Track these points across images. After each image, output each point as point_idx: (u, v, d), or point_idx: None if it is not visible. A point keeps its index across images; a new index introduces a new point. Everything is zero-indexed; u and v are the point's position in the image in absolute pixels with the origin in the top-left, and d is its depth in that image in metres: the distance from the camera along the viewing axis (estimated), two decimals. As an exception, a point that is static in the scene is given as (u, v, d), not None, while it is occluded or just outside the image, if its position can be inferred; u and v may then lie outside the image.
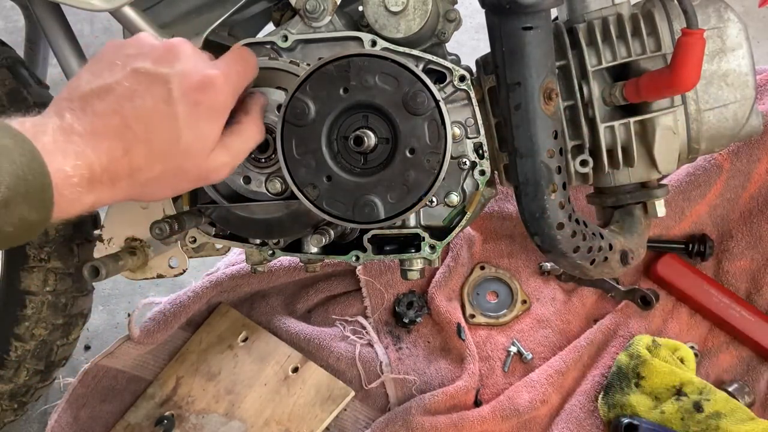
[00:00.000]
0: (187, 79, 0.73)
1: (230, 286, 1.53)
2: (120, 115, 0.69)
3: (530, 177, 0.85)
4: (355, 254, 0.97)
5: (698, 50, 0.82)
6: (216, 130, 0.76)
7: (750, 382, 1.41)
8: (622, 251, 0.97)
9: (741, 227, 1.50)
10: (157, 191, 0.76)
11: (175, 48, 0.74)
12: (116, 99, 0.70)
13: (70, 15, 1.05)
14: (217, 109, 0.75)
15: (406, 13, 0.90)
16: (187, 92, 0.72)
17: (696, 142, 0.97)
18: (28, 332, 1.26)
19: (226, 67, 0.77)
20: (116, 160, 0.69)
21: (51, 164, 0.63)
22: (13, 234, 0.62)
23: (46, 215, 0.63)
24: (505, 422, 1.35)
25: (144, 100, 0.70)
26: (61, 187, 0.64)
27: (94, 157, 0.67)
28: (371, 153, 0.88)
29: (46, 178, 0.62)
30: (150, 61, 0.72)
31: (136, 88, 0.71)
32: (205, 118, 0.74)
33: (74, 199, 0.66)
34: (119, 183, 0.70)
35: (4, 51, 1.21)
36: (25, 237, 0.63)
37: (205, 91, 0.74)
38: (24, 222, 0.61)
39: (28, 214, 0.61)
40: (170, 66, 0.72)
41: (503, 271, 1.55)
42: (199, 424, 1.43)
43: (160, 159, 0.72)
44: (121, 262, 1.05)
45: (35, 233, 0.64)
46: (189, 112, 0.72)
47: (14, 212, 0.60)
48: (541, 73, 0.83)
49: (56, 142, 0.65)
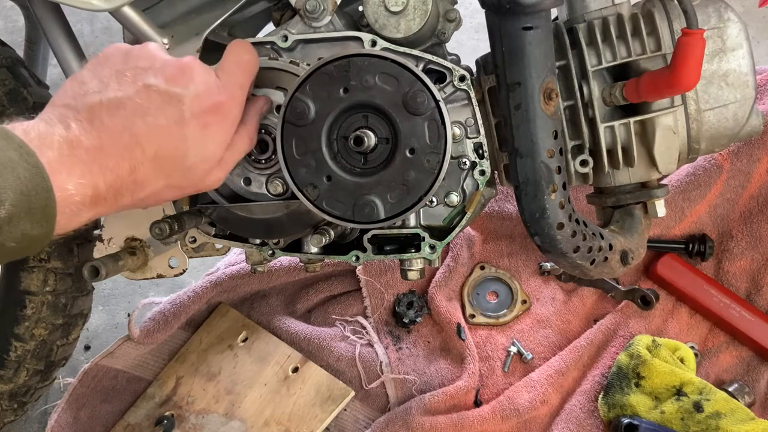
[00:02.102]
0: (199, 101, 0.73)
1: (230, 286, 1.53)
2: (130, 132, 0.69)
3: (530, 177, 0.85)
4: (355, 254, 0.97)
5: (698, 50, 0.82)
6: (221, 151, 0.77)
7: (750, 382, 1.41)
8: (622, 251, 0.97)
9: (741, 227, 1.50)
10: (153, 202, 0.76)
11: (188, 68, 0.74)
12: (127, 115, 0.69)
13: (70, 15, 1.05)
14: (225, 132, 0.77)
15: (406, 13, 0.90)
16: (199, 114, 0.73)
17: (696, 142, 0.97)
18: (28, 332, 1.26)
19: (234, 86, 0.78)
20: (121, 177, 0.68)
21: (55, 181, 0.62)
22: (15, 249, 0.61)
23: (49, 231, 0.63)
24: (505, 422, 1.35)
25: (156, 119, 0.70)
26: (63, 205, 0.63)
27: (100, 175, 0.66)
28: (371, 153, 0.88)
29: (50, 194, 0.61)
30: (163, 79, 0.72)
31: (149, 106, 0.70)
32: (213, 141, 0.75)
33: (73, 215, 0.65)
34: (121, 199, 0.70)
35: (4, 51, 1.21)
36: (26, 252, 0.63)
37: (216, 113, 0.75)
38: (26, 238, 0.61)
39: (31, 230, 0.61)
40: (184, 87, 0.72)
41: (503, 271, 1.55)
42: (199, 424, 1.43)
43: (164, 176, 0.73)
44: (121, 262, 1.05)
45: (37, 248, 0.64)
46: (198, 134, 0.73)
47: (17, 228, 0.59)
48: (541, 73, 0.83)
49: (62, 157, 0.64)
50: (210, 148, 0.75)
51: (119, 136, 0.68)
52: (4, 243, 0.60)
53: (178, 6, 1.02)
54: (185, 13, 1.03)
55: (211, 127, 0.74)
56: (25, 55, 1.55)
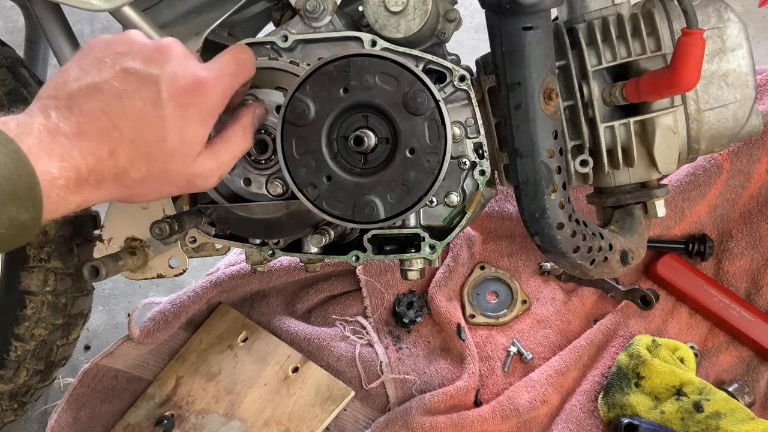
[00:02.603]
0: (176, 81, 0.72)
1: (230, 286, 1.53)
2: (108, 115, 0.69)
3: (530, 177, 0.85)
4: (355, 254, 0.97)
5: (698, 50, 0.82)
6: (203, 133, 0.75)
7: (750, 382, 1.41)
8: (622, 251, 0.97)
9: (741, 227, 1.50)
10: (143, 193, 0.75)
11: (165, 48, 0.73)
12: (104, 99, 0.69)
13: (70, 15, 1.05)
14: (205, 113, 0.75)
15: (406, 13, 0.90)
16: (176, 94, 0.72)
17: (696, 142, 0.97)
18: (28, 332, 1.26)
19: (218, 70, 0.77)
20: (102, 161, 0.68)
21: (36, 165, 0.62)
22: (5, 236, 0.61)
23: (36, 214, 0.63)
24: (505, 422, 1.35)
25: (132, 101, 0.70)
26: (48, 189, 0.63)
27: (80, 158, 0.66)
28: (371, 153, 0.88)
29: (33, 178, 0.61)
30: (140, 61, 0.72)
31: (125, 89, 0.70)
32: (192, 121, 0.73)
33: (60, 200, 0.65)
34: (105, 184, 0.69)
35: (4, 51, 1.21)
36: (17, 240, 0.63)
37: (195, 94, 0.73)
38: (14, 223, 0.61)
39: (18, 215, 0.61)
40: (160, 67, 0.72)
41: (503, 271, 1.55)
42: (199, 424, 1.43)
43: (145, 160, 0.71)
44: (121, 262, 1.05)
45: (29, 235, 0.64)
46: (177, 115, 0.72)
47: (3, 213, 0.59)
48: (541, 73, 0.83)
49: (41, 143, 0.64)
50: (190, 129, 0.73)
51: (97, 119, 0.68)
52: None
53: (178, 6, 1.02)
54: (185, 13, 1.03)
55: (191, 107, 0.73)
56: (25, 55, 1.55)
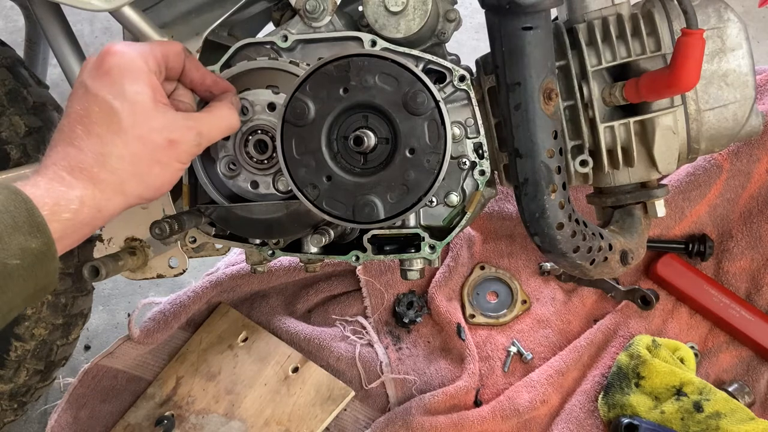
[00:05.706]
0: (89, 62, 0.75)
1: (230, 286, 1.53)
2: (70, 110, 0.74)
3: (530, 177, 0.85)
4: (355, 254, 0.97)
5: (698, 50, 0.82)
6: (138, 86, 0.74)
7: (750, 382, 1.41)
8: (622, 251, 0.97)
9: (741, 227, 1.50)
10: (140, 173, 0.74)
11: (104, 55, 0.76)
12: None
13: (70, 15, 1.05)
14: (124, 70, 0.74)
15: (406, 13, 0.90)
16: (92, 71, 0.74)
17: (696, 142, 0.97)
18: (28, 332, 1.26)
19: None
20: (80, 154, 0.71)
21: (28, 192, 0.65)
22: (22, 267, 0.62)
23: (47, 239, 0.64)
24: (505, 422, 1.35)
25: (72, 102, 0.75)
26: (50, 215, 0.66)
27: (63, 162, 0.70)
28: (371, 153, 0.88)
29: (30, 204, 0.63)
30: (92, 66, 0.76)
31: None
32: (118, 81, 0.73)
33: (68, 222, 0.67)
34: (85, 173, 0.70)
35: (4, 51, 1.21)
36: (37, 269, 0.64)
37: (107, 57, 0.74)
38: (27, 252, 0.62)
39: (27, 242, 0.62)
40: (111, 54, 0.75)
41: (503, 271, 1.55)
42: (199, 424, 1.43)
43: (108, 131, 0.72)
44: (121, 262, 1.05)
45: (48, 265, 0.65)
46: (102, 84, 0.73)
47: (12, 243, 0.61)
48: (541, 73, 0.83)
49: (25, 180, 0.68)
50: (127, 88, 0.73)
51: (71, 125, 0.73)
52: (5, 261, 0.60)
53: (178, 6, 1.02)
54: (185, 13, 1.03)
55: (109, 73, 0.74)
56: (25, 55, 1.55)
